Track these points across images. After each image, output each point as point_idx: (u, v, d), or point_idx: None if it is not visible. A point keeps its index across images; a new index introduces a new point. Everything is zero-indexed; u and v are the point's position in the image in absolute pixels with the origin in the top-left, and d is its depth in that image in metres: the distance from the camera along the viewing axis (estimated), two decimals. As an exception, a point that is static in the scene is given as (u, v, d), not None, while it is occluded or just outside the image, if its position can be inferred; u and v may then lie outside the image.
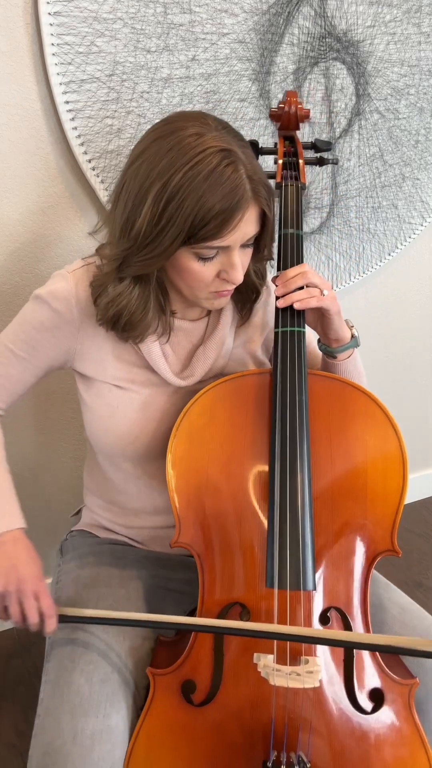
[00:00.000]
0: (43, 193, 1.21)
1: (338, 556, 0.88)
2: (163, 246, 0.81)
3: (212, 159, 0.78)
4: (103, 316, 0.90)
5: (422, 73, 1.41)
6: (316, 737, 0.83)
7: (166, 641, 0.96)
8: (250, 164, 0.82)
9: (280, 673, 0.81)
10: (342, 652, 0.85)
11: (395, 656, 0.93)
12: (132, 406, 0.96)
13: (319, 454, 0.89)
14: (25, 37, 1.08)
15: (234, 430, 0.90)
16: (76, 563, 1.06)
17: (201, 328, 1.00)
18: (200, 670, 0.86)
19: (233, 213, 0.79)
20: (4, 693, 1.50)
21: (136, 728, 0.85)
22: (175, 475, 0.89)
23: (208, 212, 0.78)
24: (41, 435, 1.45)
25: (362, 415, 0.91)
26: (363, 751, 0.83)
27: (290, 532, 0.85)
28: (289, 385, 0.90)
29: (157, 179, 0.79)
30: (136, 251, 0.83)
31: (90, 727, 0.81)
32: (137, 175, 0.81)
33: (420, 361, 1.91)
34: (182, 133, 0.79)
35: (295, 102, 1.02)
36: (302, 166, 1.00)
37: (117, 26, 1.11)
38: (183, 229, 0.79)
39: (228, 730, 0.84)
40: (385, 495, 0.89)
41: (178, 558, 1.08)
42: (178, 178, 0.77)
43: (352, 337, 0.98)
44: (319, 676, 0.81)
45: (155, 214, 0.80)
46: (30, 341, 0.95)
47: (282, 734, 0.82)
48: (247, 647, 0.85)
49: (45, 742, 0.80)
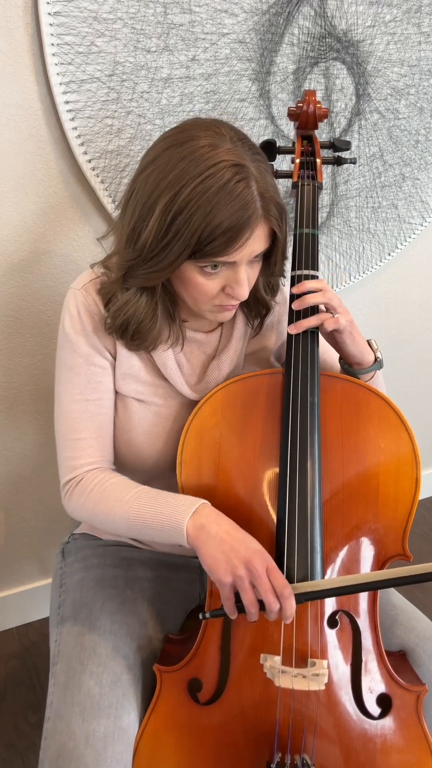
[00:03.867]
0: (43, 193, 1.20)
1: (348, 560, 0.87)
2: (168, 260, 0.80)
3: (224, 174, 0.76)
4: (112, 323, 0.89)
5: (422, 73, 1.41)
6: (321, 740, 0.82)
7: (175, 639, 0.96)
8: (262, 180, 0.79)
9: (286, 674, 0.81)
10: (351, 655, 0.84)
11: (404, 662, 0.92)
12: (151, 419, 0.96)
13: (331, 457, 0.88)
14: (25, 37, 1.08)
15: (244, 431, 0.89)
16: (80, 565, 1.05)
17: (214, 340, 1.00)
18: (207, 669, 0.86)
19: (241, 230, 0.78)
20: (4, 693, 1.50)
21: (142, 725, 0.85)
22: (184, 473, 0.89)
23: (216, 228, 0.76)
24: (41, 435, 1.45)
25: (375, 417, 0.90)
26: (369, 755, 0.82)
27: (299, 535, 0.83)
28: (300, 385, 0.88)
29: (167, 190, 0.77)
30: (141, 263, 0.82)
31: (102, 729, 0.81)
32: (146, 184, 0.80)
33: (420, 361, 1.91)
34: (195, 144, 0.77)
35: (314, 101, 1.01)
36: (320, 166, 0.98)
37: (117, 26, 1.11)
38: (189, 244, 0.78)
39: (233, 730, 0.84)
40: (397, 499, 0.87)
41: (182, 559, 1.08)
42: (188, 192, 0.76)
43: (376, 360, 0.96)
44: (325, 679, 0.81)
45: (162, 227, 0.78)
46: (89, 376, 0.92)
47: (287, 736, 0.82)
48: (254, 647, 0.84)
49: (57, 745, 0.80)
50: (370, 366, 0.95)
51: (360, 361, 0.94)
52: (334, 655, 0.84)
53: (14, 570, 1.60)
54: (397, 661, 0.91)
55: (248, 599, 0.76)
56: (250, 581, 0.76)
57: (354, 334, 0.92)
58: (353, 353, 0.93)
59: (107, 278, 0.90)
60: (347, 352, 0.93)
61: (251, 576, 0.76)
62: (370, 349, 0.96)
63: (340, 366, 0.99)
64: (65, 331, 0.92)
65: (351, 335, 0.91)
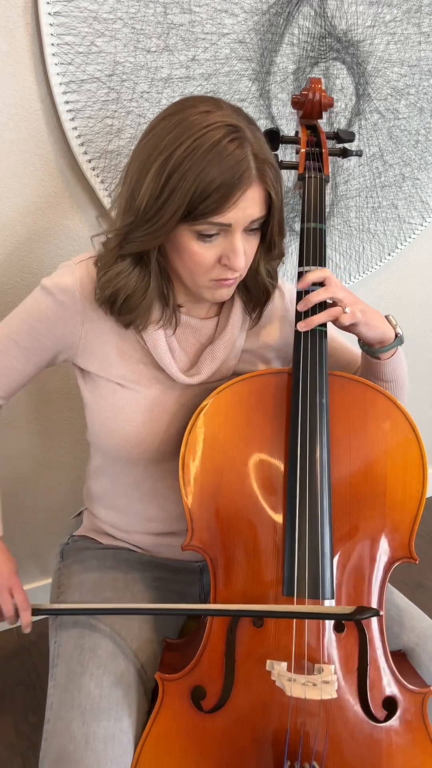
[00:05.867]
0: (43, 193, 1.20)
1: (356, 564, 0.86)
2: (164, 219, 0.79)
3: (217, 132, 0.76)
4: (101, 294, 0.88)
5: (422, 73, 1.41)
6: (330, 746, 0.81)
7: (173, 644, 0.95)
8: (257, 144, 0.79)
9: (296, 683, 0.80)
10: (356, 660, 0.83)
11: (405, 663, 0.92)
12: (137, 407, 0.94)
13: (338, 459, 0.86)
14: (25, 37, 1.08)
15: (250, 432, 0.87)
16: (78, 567, 1.05)
17: (210, 327, 0.97)
18: (211, 676, 0.84)
19: (234, 187, 0.76)
20: (4, 693, 1.50)
21: (144, 733, 0.84)
22: (187, 475, 0.87)
23: (209, 185, 0.75)
24: (41, 435, 1.45)
25: (383, 418, 0.88)
26: (375, 759, 0.82)
27: (309, 541, 0.82)
28: (309, 386, 0.86)
29: (162, 153, 0.77)
30: (138, 226, 0.81)
31: (102, 731, 0.80)
32: (143, 151, 0.80)
33: (420, 361, 1.91)
34: (191, 111, 0.78)
35: (319, 89, 0.99)
36: (326, 157, 0.96)
37: (117, 26, 1.11)
38: (183, 202, 0.77)
39: (238, 738, 0.82)
40: (404, 501, 0.86)
41: (182, 563, 1.07)
42: (182, 151, 0.76)
43: (396, 337, 0.93)
44: (335, 686, 0.80)
45: (157, 187, 0.78)
46: (33, 332, 0.93)
47: (297, 744, 0.81)
48: (260, 653, 0.83)
49: (57, 747, 0.80)
50: (391, 343, 0.93)
51: (381, 340, 0.92)
52: (340, 660, 0.83)
53: (14, 570, 1.60)
54: (399, 662, 0.90)
55: None
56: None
57: (370, 322, 0.89)
58: (371, 338, 0.91)
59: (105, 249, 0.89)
60: (366, 338, 0.91)
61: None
62: (390, 326, 0.93)
63: (361, 348, 0.97)
64: (45, 285, 0.91)
65: (366, 324, 0.89)
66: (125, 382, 0.94)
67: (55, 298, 0.90)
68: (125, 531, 1.07)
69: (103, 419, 0.95)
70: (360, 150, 1.05)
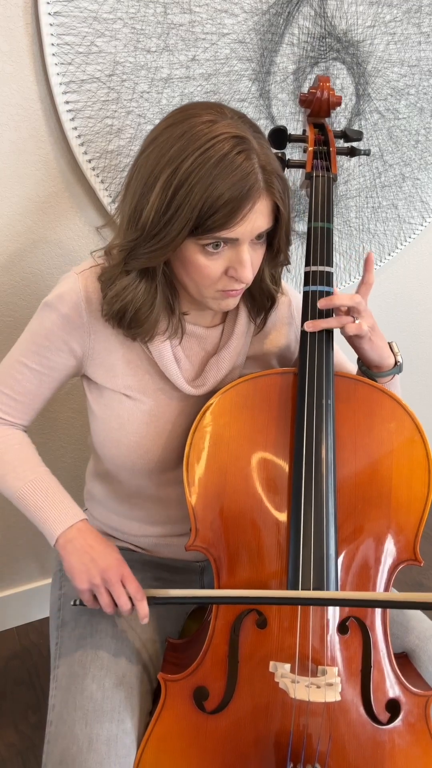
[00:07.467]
0: (43, 193, 1.20)
1: (360, 565, 0.86)
2: (171, 236, 0.77)
3: (224, 145, 0.74)
4: (108, 310, 0.86)
5: (422, 73, 1.41)
6: (333, 748, 0.81)
7: (176, 644, 0.94)
8: (264, 155, 0.77)
9: (300, 684, 0.79)
10: (359, 662, 0.83)
11: (408, 665, 0.92)
12: (143, 417, 0.93)
13: (344, 460, 0.86)
14: (25, 37, 1.07)
15: (255, 432, 0.87)
16: None
17: (215, 336, 0.96)
18: (214, 677, 0.84)
19: (243, 202, 0.75)
20: (4, 693, 1.50)
21: (146, 734, 0.83)
22: (192, 475, 0.86)
23: (217, 200, 0.74)
24: (41, 435, 1.45)
25: (389, 420, 0.88)
26: (377, 761, 0.82)
27: (314, 541, 0.81)
28: (316, 387, 0.85)
29: (167, 166, 0.76)
30: (143, 242, 0.80)
31: (105, 733, 0.80)
32: (147, 163, 0.78)
33: (421, 360, 1.91)
34: (195, 120, 0.76)
35: (327, 87, 0.98)
36: (333, 155, 0.95)
37: (117, 26, 1.11)
38: (191, 217, 0.75)
39: (241, 739, 0.82)
40: (409, 503, 0.86)
41: (183, 563, 1.07)
42: (188, 165, 0.74)
43: (396, 364, 0.93)
44: (339, 688, 0.79)
45: (163, 202, 0.76)
46: (41, 352, 0.91)
47: (300, 746, 0.81)
48: (263, 654, 0.83)
49: (60, 750, 0.80)
50: (388, 370, 0.93)
51: (379, 364, 0.92)
52: (344, 662, 0.83)
53: (14, 570, 1.60)
54: (402, 664, 0.90)
55: (103, 602, 0.86)
56: (106, 588, 0.86)
57: (374, 340, 0.89)
58: (372, 358, 0.91)
59: (108, 264, 0.88)
60: (366, 356, 0.91)
61: (106, 583, 0.86)
62: (391, 353, 0.92)
63: (358, 367, 0.96)
64: (48, 300, 0.90)
65: (370, 341, 0.89)
66: (131, 392, 0.93)
67: (59, 313, 0.89)
68: (126, 533, 1.07)
69: (109, 429, 0.94)
70: (368, 149, 1.04)
